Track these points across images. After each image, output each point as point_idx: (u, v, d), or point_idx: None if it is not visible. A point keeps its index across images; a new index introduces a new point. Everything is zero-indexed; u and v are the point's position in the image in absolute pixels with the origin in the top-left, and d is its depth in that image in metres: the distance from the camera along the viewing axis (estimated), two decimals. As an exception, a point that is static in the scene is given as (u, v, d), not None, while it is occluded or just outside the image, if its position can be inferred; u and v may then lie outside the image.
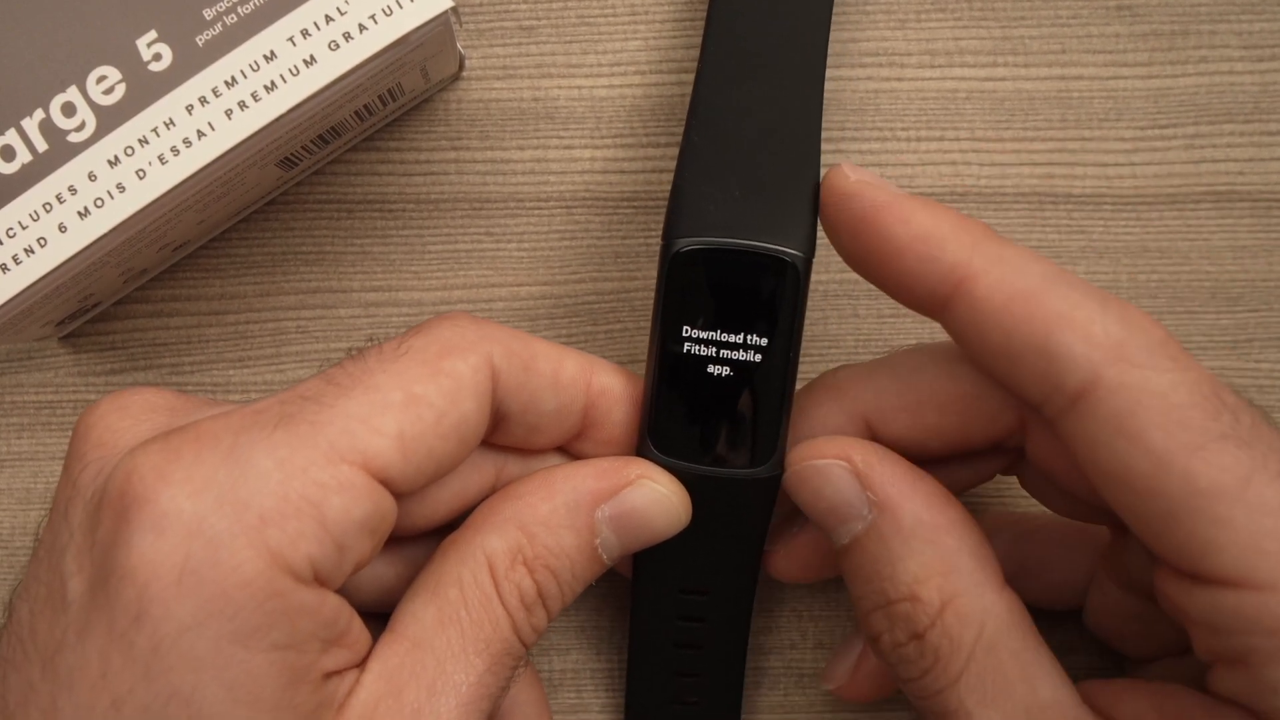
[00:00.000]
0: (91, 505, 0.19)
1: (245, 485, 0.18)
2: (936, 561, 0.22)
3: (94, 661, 0.18)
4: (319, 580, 0.19)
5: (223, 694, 0.18)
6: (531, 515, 0.22)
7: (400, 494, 0.20)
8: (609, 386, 0.23)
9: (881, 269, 0.22)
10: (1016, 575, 0.24)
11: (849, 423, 0.24)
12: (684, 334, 0.23)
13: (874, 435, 0.24)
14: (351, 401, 0.20)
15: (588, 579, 0.23)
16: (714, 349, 0.23)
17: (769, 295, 0.23)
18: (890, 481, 0.22)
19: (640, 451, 0.24)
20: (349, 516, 0.19)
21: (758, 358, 0.23)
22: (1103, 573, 0.25)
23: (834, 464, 0.22)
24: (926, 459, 0.24)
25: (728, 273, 0.22)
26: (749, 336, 0.23)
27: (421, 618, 0.21)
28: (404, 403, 0.20)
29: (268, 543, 0.18)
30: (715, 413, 0.23)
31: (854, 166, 0.23)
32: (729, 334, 0.23)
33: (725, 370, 0.23)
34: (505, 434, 0.23)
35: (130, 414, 0.21)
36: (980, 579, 0.22)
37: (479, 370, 0.21)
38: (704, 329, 0.23)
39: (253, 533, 0.18)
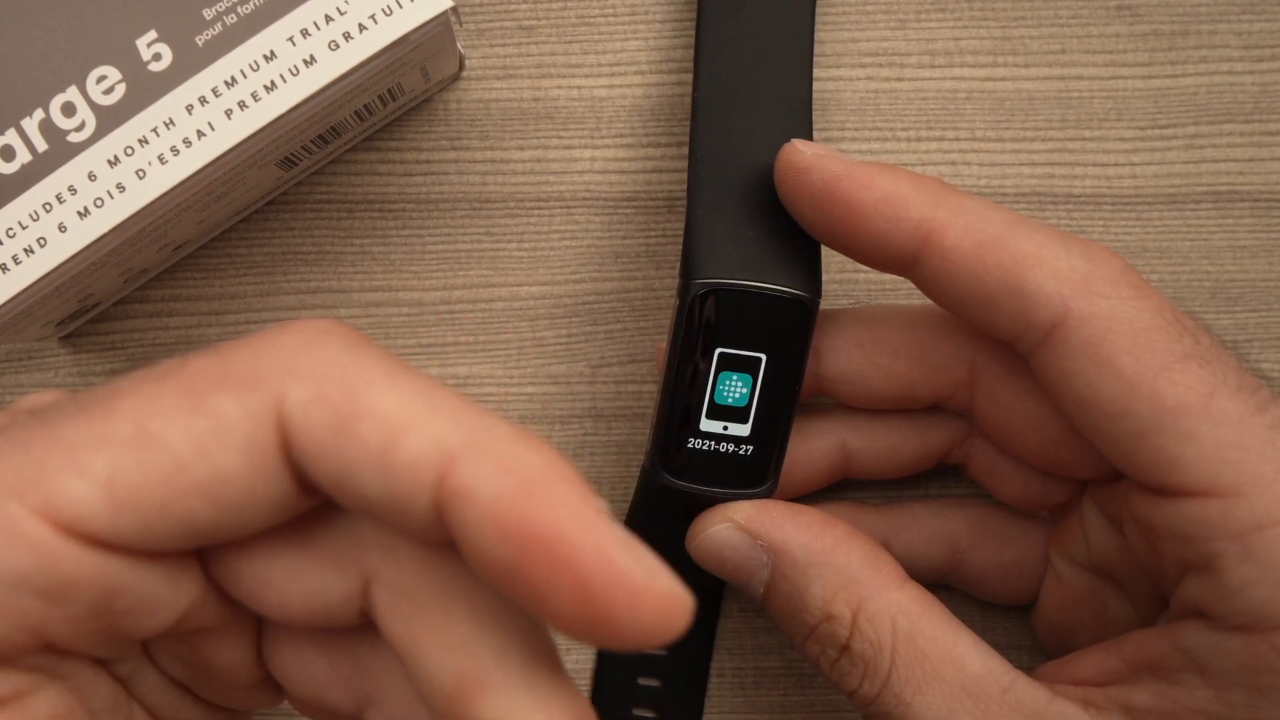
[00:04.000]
0: None
1: None
2: (835, 579, 0.23)
3: None
4: None
5: None
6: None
7: (131, 554, 0.15)
8: (474, 489, 0.14)
9: (849, 234, 0.23)
10: (973, 549, 0.27)
11: None
12: (698, 366, 0.24)
13: (824, 367, 0.25)
14: (73, 426, 0.15)
15: None
16: (725, 382, 0.24)
17: (780, 332, 0.24)
18: (774, 525, 0.24)
19: (650, 475, 0.25)
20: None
21: (766, 389, 0.24)
22: (1055, 556, 0.26)
23: (722, 528, 0.24)
24: (870, 403, 0.25)
25: (743, 311, 0.23)
26: (759, 370, 0.24)
27: None
28: (129, 440, 0.15)
29: None
30: (723, 439, 0.24)
31: (806, 142, 0.24)
32: (740, 368, 0.24)
33: (734, 400, 0.24)
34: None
35: None
36: (879, 582, 0.23)
37: (255, 415, 0.15)
38: (717, 362, 0.24)
39: None
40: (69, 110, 0.22)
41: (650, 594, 0.14)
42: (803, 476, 0.26)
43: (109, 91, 0.22)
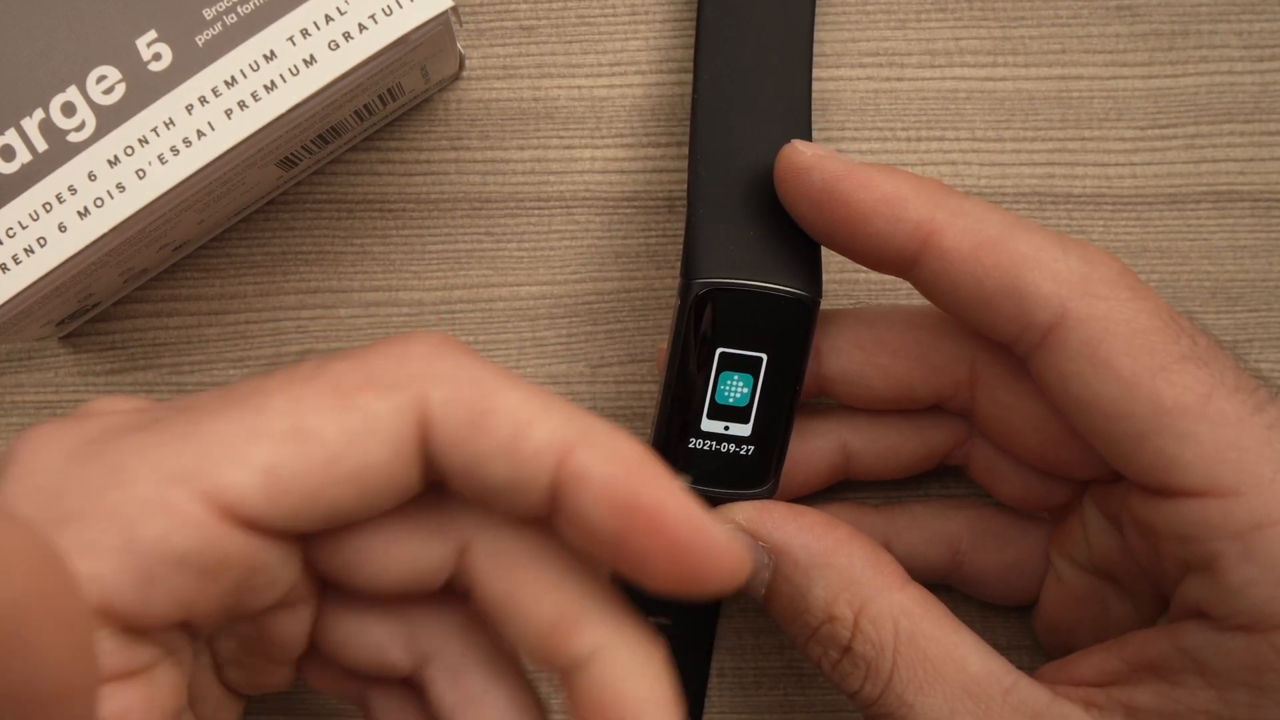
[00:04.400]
0: None
1: (74, 481, 0.17)
2: (837, 580, 0.23)
3: None
4: (113, 609, 0.17)
5: None
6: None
7: (271, 536, 0.18)
8: (590, 472, 0.18)
9: (849, 235, 0.23)
10: (974, 549, 0.27)
11: None
12: (698, 366, 0.24)
13: (824, 367, 0.25)
14: (228, 421, 0.17)
15: None
16: (726, 382, 0.24)
17: (781, 332, 0.24)
18: (775, 526, 0.24)
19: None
20: (163, 545, 0.17)
21: (766, 389, 0.24)
22: (1056, 556, 0.26)
23: (723, 529, 0.24)
24: (870, 404, 0.25)
25: (744, 311, 0.23)
26: (759, 370, 0.24)
27: None
28: (287, 434, 0.17)
29: (59, 542, 0.16)
30: (724, 439, 0.24)
31: (806, 143, 0.24)
32: (741, 368, 0.24)
33: (735, 400, 0.24)
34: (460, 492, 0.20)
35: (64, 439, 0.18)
36: (881, 583, 0.23)
37: (402, 414, 0.18)
38: (718, 362, 0.24)
39: (50, 526, 0.16)
40: (69, 110, 0.22)
41: (729, 551, 0.18)
42: (803, 477, 0.26)
43: (109, 91, 0.22)
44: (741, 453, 0.24)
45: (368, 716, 0.22)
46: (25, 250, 0.22)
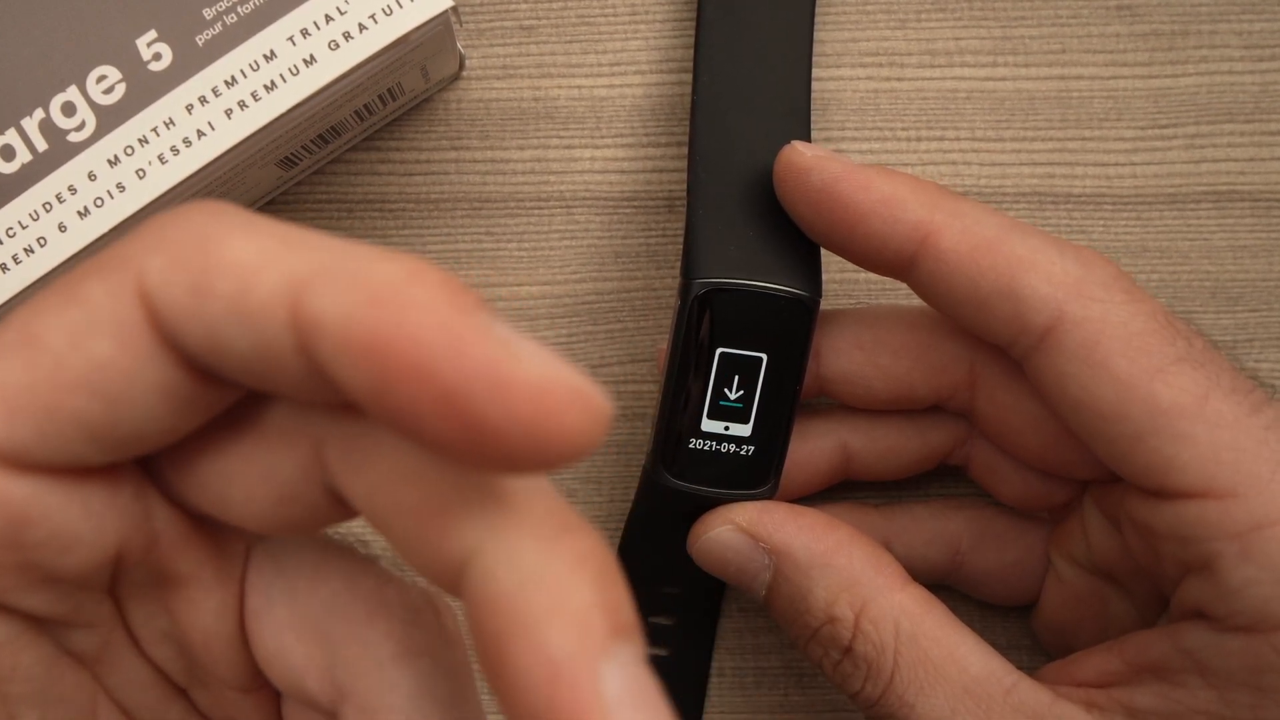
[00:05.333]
0: None
1: None
2: (837, 581, 0.23)
3: None
4: None
5: None
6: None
7: (34, 472, 0.14)
8: (322, 314, 0.12)
9: (847, 235, 0.23)
10: (974, 550, 0.27)
11: None
12: (699, 366, 0.24)
13: (824, 367, 0.25)
14: None
15: None
16: (727, 382, 0.24)
17: (781, 332, 0.24)
18: (776, 528, 0.24)
19: (651, 475, 0.25)
20: None
21: (767, 390, 0.24)
22: (1056, 556, 0.26)
23: (724, 530, 0.24)
24: (870, 404, 0.25)
25: (744, 311, 0.24)
26: (760, 370, 0.24)
27: None
28: (13, 343, 0.14)
29: None
30: (724, 440, 0.24)
31: (805, 144, 0.24)
32: (742, 368, 0.24)
33: (735, 401, 0.24)
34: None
35: None
36: (881, 583, 0.23)
37: (117, 295, 0.14)
38: (719, 363, 0.24)
39: None
40: (69, 110, 0.22)
41: (528, 387, 0.11)
42: (804, 478, 0.26)
43: (109, 91, 0.22)
44: (741, 453, 0.24)
45: None
46: (25, 250, 0.22)
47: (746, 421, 0.24)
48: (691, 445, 0.24)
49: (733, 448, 0.24)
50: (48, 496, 0.14)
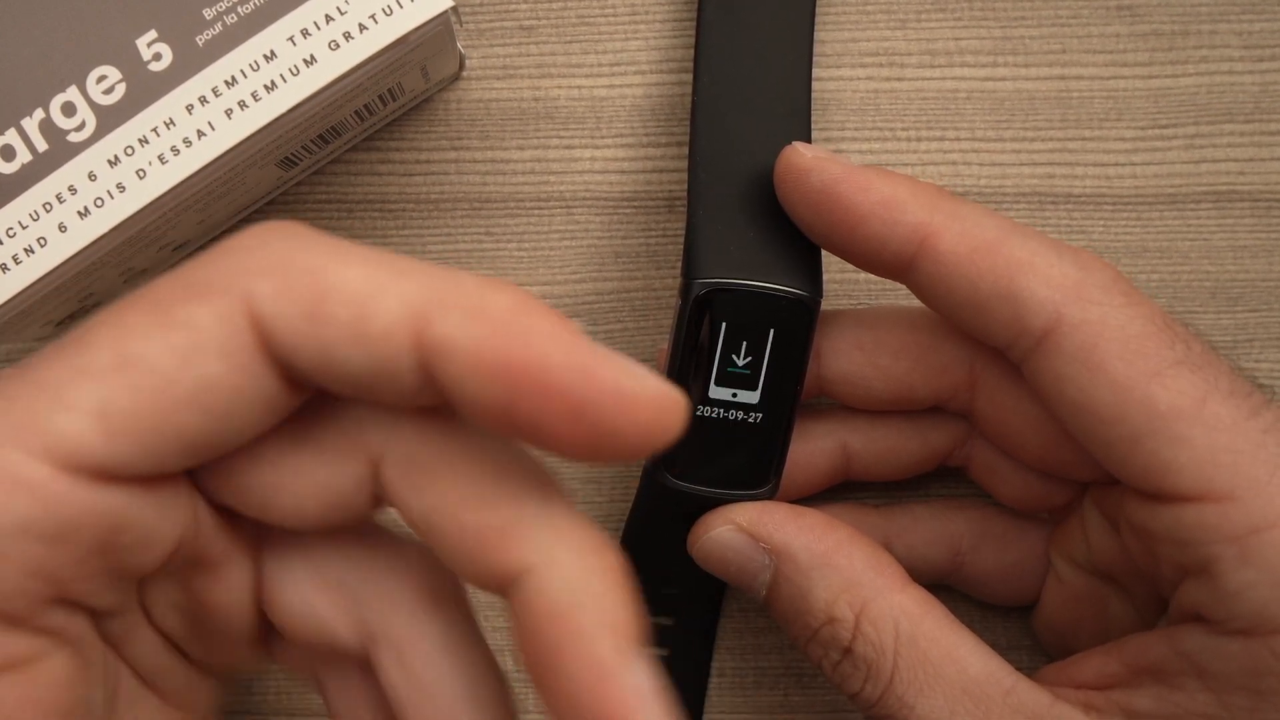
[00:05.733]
0: None
1: None
2: (837, 582, 0.23)
3: None
4: None
5: None
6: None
7: (129, 483, 0.16)
8: (452, 340, 0.15)
9: (847, 237, 0.23)
10: (975, 550, 0.27)
11: None
12: (700, 366, 0.24)
13: (824, 368, 0.25)
14: (51, 367, 0.15)
15: None
16: (728, 382, 0.24)
17: (783, 333, 0.24)
18: (777, 528, 0.24)
19: (652, 475, 0.25)
20: (9, 518, 0.15)
21: (768, 390, 0.24)
22: (1056, 557, 0.26)
23: (724, 530, 0.24)
24: (870, 405, 0.25)
25: (746, 311, 0.23)
26: (762, 370, 0.24)
27: None
28: (112, 367, 0.15)
29: None
30: (725, 440, 0.24)
31: (806, 145, 0.24)
32: (744, 368, 0.24)
33: (738, 401, 0.24)
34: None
35: None
36: (881, 584, 0.23)
37: (228, 320, 0.15)
38: (720, 363, 0.24)
39: None
40: (69, 110, 0.22)
41: (641, 398, 0.15)
42: (804, 478, 0.26)
43: (109, 91, 0.22)
44: (744, 453, 0.24)
45: (326, 704, 0.20)
46: (25, 250, 0.22)
47: (749, 421, 0.24)
48: (692, 447, 0.24)
49: (734, 448, 0.24)
50: (136, 504, 0.16)
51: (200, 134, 0.22)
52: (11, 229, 0.22)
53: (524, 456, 0.17)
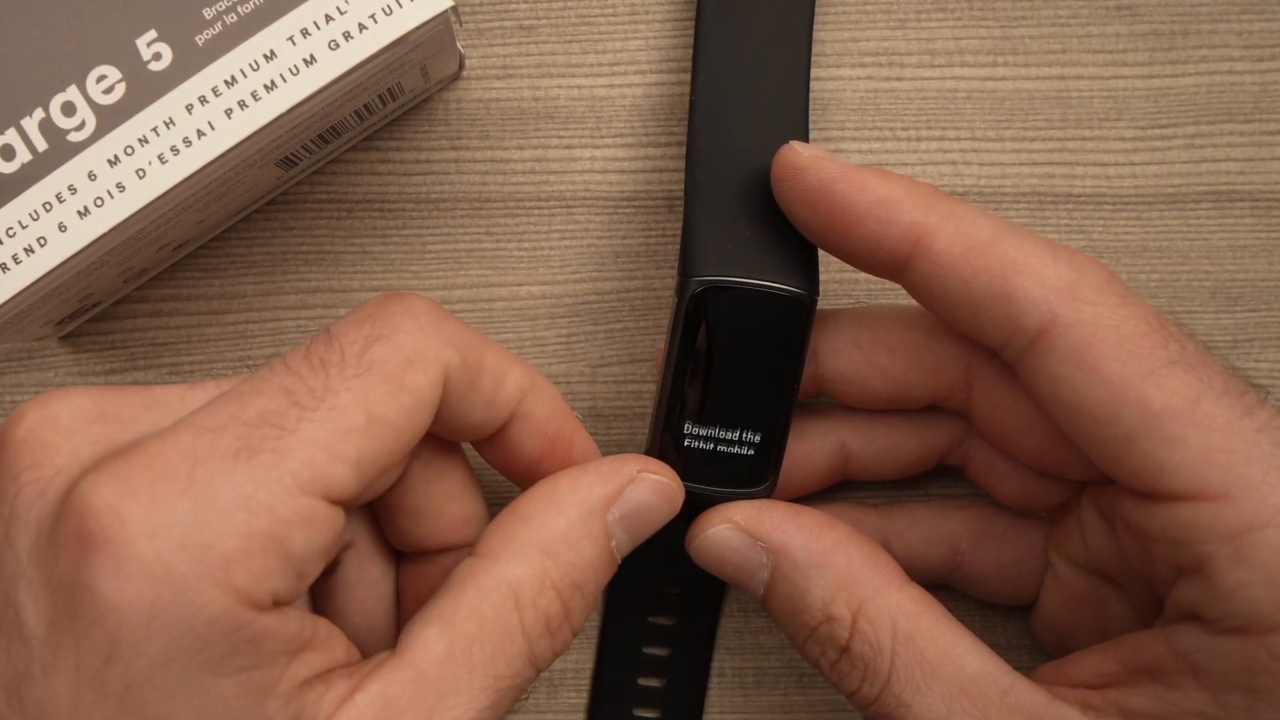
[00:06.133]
0: (42, 537, 0.19)
1: (208, 527, 0.18)
2: (835, 581, 0.23)
3: (64, 697, 0.18)
4: (278, 604, 0.19)
5: (195, 717, 0.18)
6: (549, 534, 0.22)
7: (350, 508, 0.21)
8: (535, 414, 0.23)
9: (843, 235, 0.23)
10: (973, 549, 0.27)
11: None
12: (697, 365, 0.24)
13: (822, 367, 0.25)
14: (314, 426, 0.19)
15: (605, 582, 0.23)
16: (724, 380, 0.24)
17: (779, 331, 0.24)
18: (775, 526, 0.24)
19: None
20: (311, 549, 0.19)
21: (765, 388, 0.24)
22: (1055, 556, 0.26)
23: (722, 528, 0.24)
24: (868, 404, 0.26)
25: (742, 309, 0.23)
26: (758, 368, 0.24)
27: (431, 649, 0.21)
28: (366, 426, 0.20)
29: (233, 583, 0.18)
30: (721, 440, 0.24)
31: (803, 144, 0.24)
32: (740, 366, 0.24)
33: (733, 399, 0.24)
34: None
35: (61, 427, 0.20)
36: (879, 583, 0.23)
37: (437, 386, 0.21)
38: (716, 361, 0.24)
39: (218, 574, 0.18)
40: (69, 110, 0.22)
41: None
42: (802, 477, 0.26)
43: (109, 91, 0.22)
44: (740, 451, 0.24)
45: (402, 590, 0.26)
46: (25, 250, 0.22)
47: (745, 420, 0.24)
48: (687, 446, 0.24)
49: (730, 447, 0.24)
50: (344, 517, 0.20)
51: (200, 134, 0.22)
52: (11, 229, 0.22)
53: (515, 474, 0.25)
